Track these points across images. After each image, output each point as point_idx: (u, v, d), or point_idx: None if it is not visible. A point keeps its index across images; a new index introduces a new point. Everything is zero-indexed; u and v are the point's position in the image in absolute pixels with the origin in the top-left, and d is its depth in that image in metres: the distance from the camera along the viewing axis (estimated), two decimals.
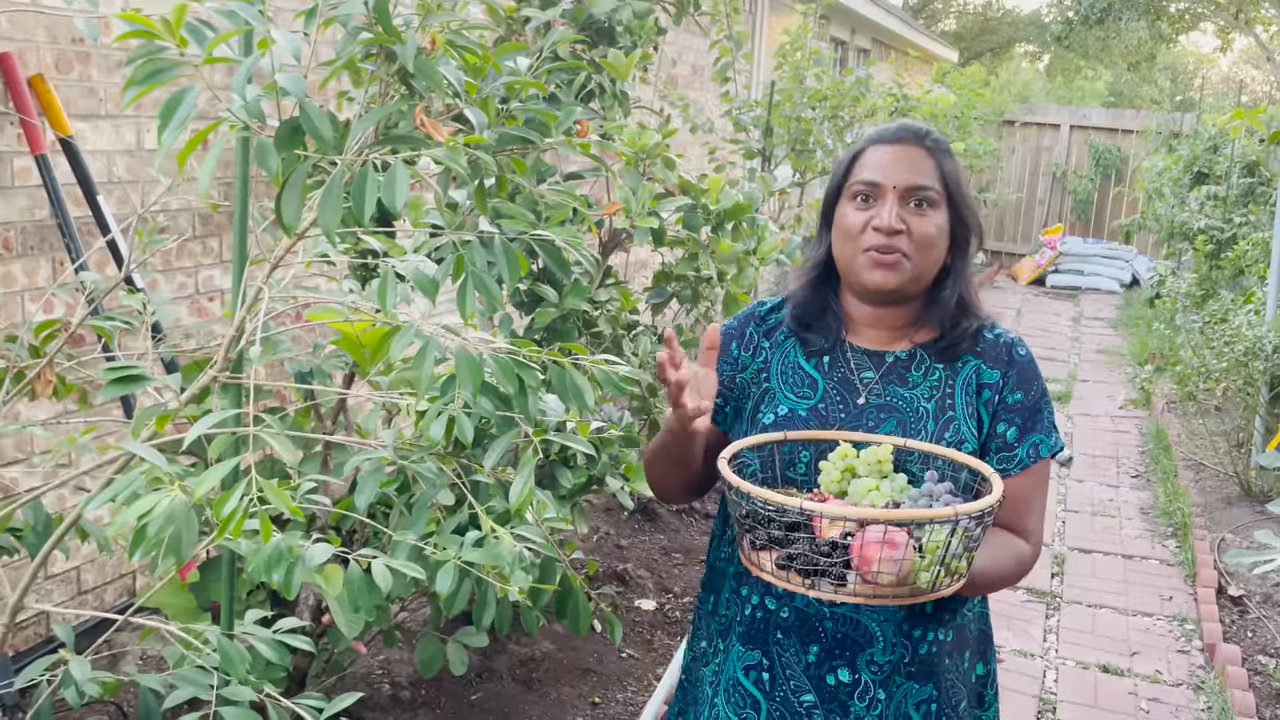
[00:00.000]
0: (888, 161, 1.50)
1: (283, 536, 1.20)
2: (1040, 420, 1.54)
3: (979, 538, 1.26)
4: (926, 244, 1.49)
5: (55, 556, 2.92)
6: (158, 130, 1.02)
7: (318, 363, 2.01)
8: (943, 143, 1.55)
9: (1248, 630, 3.86)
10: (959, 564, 1.24)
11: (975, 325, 1.56)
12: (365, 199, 1.03)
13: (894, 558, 1.20)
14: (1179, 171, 8.38)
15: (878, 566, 1.20)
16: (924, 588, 1.24)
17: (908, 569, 1.22)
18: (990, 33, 23.38)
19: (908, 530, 1.23)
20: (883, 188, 1.49)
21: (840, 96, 5.75)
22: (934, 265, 1.52)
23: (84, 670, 1.49)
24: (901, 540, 1.21)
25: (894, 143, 1.52)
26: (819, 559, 1.24)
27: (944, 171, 1.52)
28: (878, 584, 1.22)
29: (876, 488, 1.40)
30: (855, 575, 1.24)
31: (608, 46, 3.03)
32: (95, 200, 2.77)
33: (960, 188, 1.54)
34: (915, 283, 1.52)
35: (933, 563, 1.22)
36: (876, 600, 1.24)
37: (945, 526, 1.21)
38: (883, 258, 1.48)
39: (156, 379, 1.36)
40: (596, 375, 1.37)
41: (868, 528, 1.22)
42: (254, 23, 1.02)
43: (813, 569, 1.25)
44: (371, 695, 2.90)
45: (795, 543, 1.27)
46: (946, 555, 1.22)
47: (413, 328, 1.33)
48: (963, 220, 1.54)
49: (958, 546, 1.22)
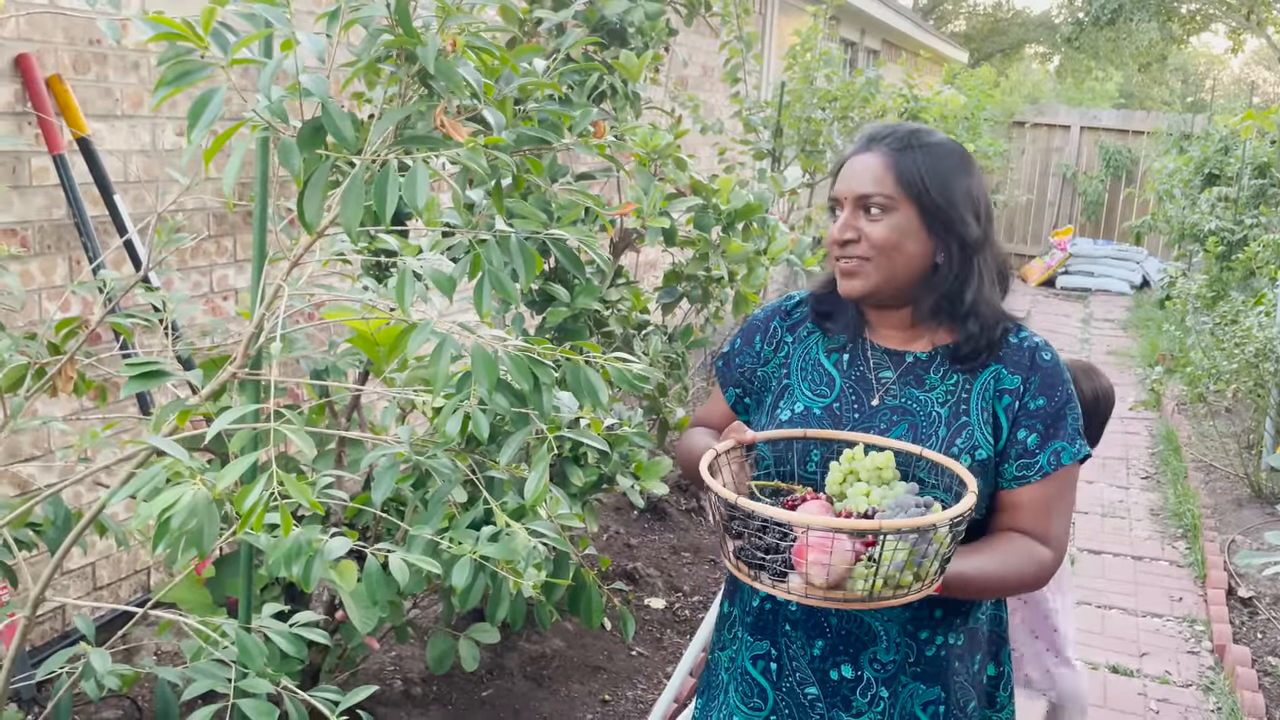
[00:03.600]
0: (847, 173, 1.52)
1: (302, 530, 1.22)
2: (1063, 427, 1.50)
3: (933, 554, 1.26)
4: (882, 246, 1.47)
5: (72, 552, 2.95)
6: (187, 130, 1.04)
7: (333, 360, 2.03)
8: (910, 140, 1.50)
9: (1258, 631, 3.86)
10: (903, 577, 1.25)
11: (998, 330, 1.52)
12: (387, 198, 1.05)
13: (821, 561, 1.23)
14: (1190, 173, 8.36)
15: (806, 567, 1.24)
16: (860, 595, 1.25)
17: (838, 574, 1.25)
18: (1000, 34, 23.34)
19: (865, 539, 1.25)
20: (841, 200, 1.52)
21: (850, 97, 5.76)
22: (904, 266, 1.49)
23: (104, 662, 1.51)
24: (829, 545, 1.23)
25: (858, 153, 1.53)
26: (761, 555, 1.29)
27: (900, 172, 1.48)
28: (810, 584, 1.25)
29: (867, 493, 1.40)
30: (796, 574, 1.27)
31: (620, 48, 3.05)
32: (112, 199, 2.80)
33: (931, 183, 1.48)
34: (888, 284, 1.50)
35: (872, 572, 1.23)
36: (810, 600, 1.27)
37: (892, 539, 1.22)
38: (844, 266, 1.51)
39: (176, 374, 1.38)
40: (610, 373, 1.39)
41: (810, 530, 1.24)
42: (278, 25, 1.04)
43: (755, 562, 1.30)
44: (384, 691, 2.93)
45: (753, 536, 1.31)
46: (888, 567, 1.24)
47: (429, 325, 1.35)
48: (938, 214, 1.48)
49: (900, 559, 1.24)
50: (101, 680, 1.60)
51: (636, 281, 3.44)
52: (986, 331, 1.52)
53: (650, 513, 4.40)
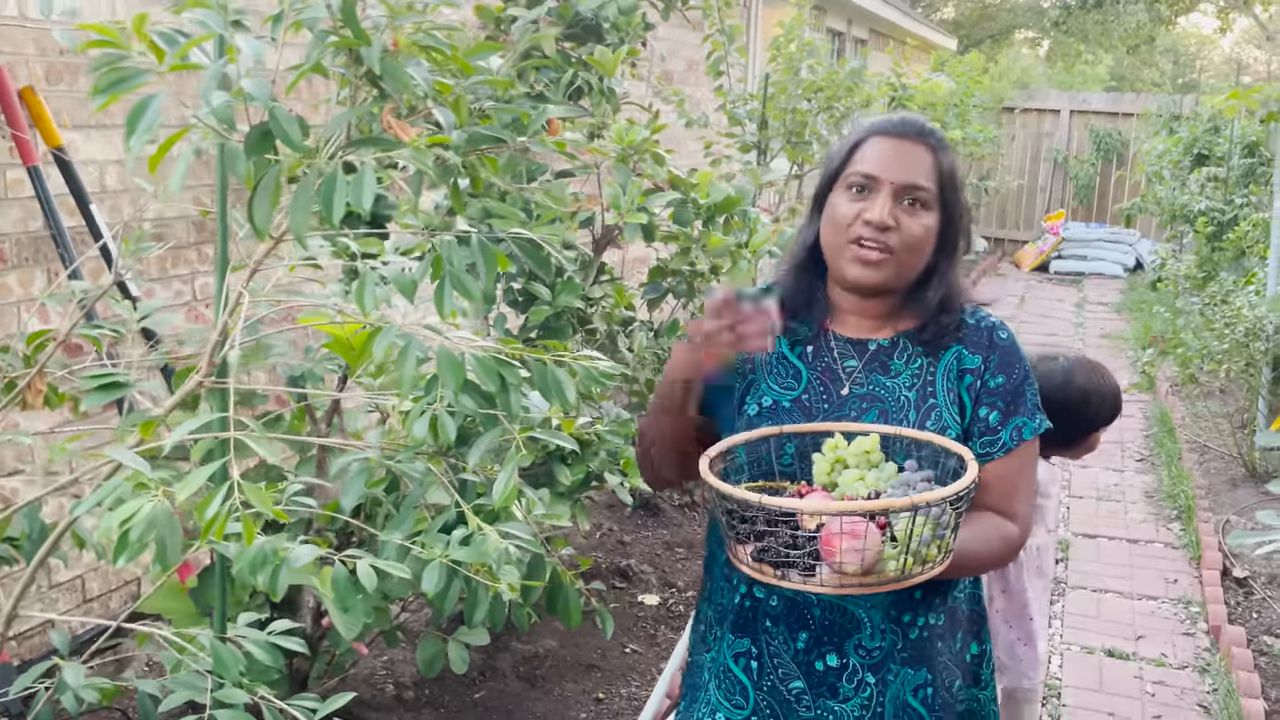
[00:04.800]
0: (888, 155, 1.49)
1: (268, 539, 1.21)
2: (1023, 403, 1.53)
3: (950, 524, 1.26)
4: (913, 244, 1.49)
5: (58, 564, 2.94)
6: (125, 138, 1.03)
7: (309, 366, 2.02)
8: (944, 141, 1.54)
9: (1253, 611, 3.85)
10: (929, 551, 1.25)
11: (957, 318, 1.55)
12: (334, 202, 1.04)
13: (855, 547, 1.20)
14: (1179, 154, 8.34)
15: (840, 556, 1.21)
16: (892, 575, 1.24)
17: (872, 558, 1.23)
18: (989, 20, 23.29)
19: (876, 520, 1.24)
20: (879, 181, 1.48)
21: (835, 87, 5.74)
22: (918, 266, 1.52)
23: (77, 676, 1.50)
24: (863, 529, 1.21)
25: (896, 137, 1.51)
26: (787, 551, 1.25)
27: (941, 171, 1.50)
28: (844, 573, 1.23)
29: (862, 478, 1.41)
30: (824, 566, 1.25)
31: (595, 43, 3.04)
32: (88, 210, 2.79)
33: (956, 188, 1.52)
34: (896, 280, 1.52)
35: (901, 551, 1.22)
36: (845, 589, 1.25)
37: (910, 514, 1.21)
38: (866, 253, 1.47)
39: (139, 384, 1.37)
40: (577, 371, 1.38)
41: (831, 519, 1.22)
42: (219, 30, 1.02)
43: (783, 561, 1.26)
44: (375, 696, 2.92)
45: (770, 536, 1.28)
46: (914, 543, 1.23)
47: (394, 328, 1.34)
48: (953, 222, 1.53)
49: (927, 534, 1.23)
50: (79, 694, 1.60)
51: (621, 278, 3.43)
52: (954, 317, 1.55)
53: (643, 509, 4.39)
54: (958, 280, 1.57)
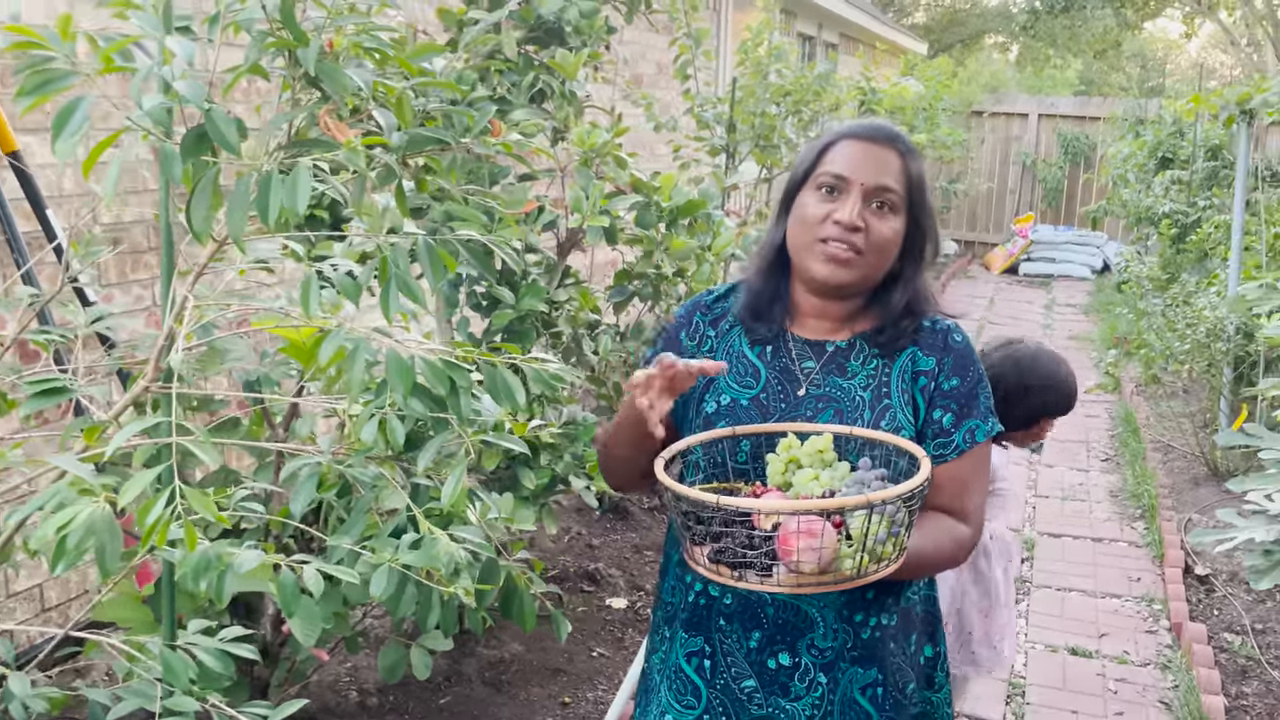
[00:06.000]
0: (859, 158, 1.51)
1: (211, 544, 1.20)
2: (976, 405, 1.55)
3: (904, 522, 1.27)
4: (880, 246, 1.50)
5: (13, 574, 2.90)
6: (51, 140, 1.02)
7: (265, 371, 2.00)
8: (913, 147, 1.56)
9: (1214, 608, 3.90)
10: (885, 549, 1.25)
11: (918, 322, 1.56)
12: (270, 204, 1.03)
13: (812, 546, 1.20)
14: (1144, 157, 8.44)
15: (797, 555, 1.21)
16: (849, 574, 1.25)
17: (829, 556, 1.23)
18: (959, 24, 23.48)
19: (832, 518, 1.24)
20: (850, 182, 1.49)
21: (803, 91, 5.76)
22: (884, 268, 1.54)
23: (23, 686, 1.48)
24: (819, 528, 1.21)
25: (867, 140, 1.53)
26: (745, 552, 1.25)
27: (910, 177, 1.52)
28: (801, 573, 1.23)
29: (816, 477, 1.41)
30: (781, 566, 1.25)
31: (558, 47, 3.03)
32: (44, 215, 2.75)
33: (924, 195, 1.54)
34: (863, 282, 1.53)
35: (857, 549, 1.23)
36: (802, 589, 1.25)
37: (866, 512, 1.22)
38: (835, 251, 1.49)
39: (83, 389, 1.35)
40: (527, 373, 1.38)
41: (787, 518, 1.23)
42: (153, 31, 1.01)
43: (739, 561, 1.26)
44: (339, 703, 2.90)
45: (726, 536, 1.28)
46: (870, 541, 1.23)
47: (342, 331, 1.33)
48: (920, 228, 1.55)
49: (881, 532, 1.23)
50: (26, 703, 1.57)
51: (586, 281, 3.42)
52: (915, 321, 1.57)
53: (612, 513, 4.39)
54: (925, 287, 1.58)
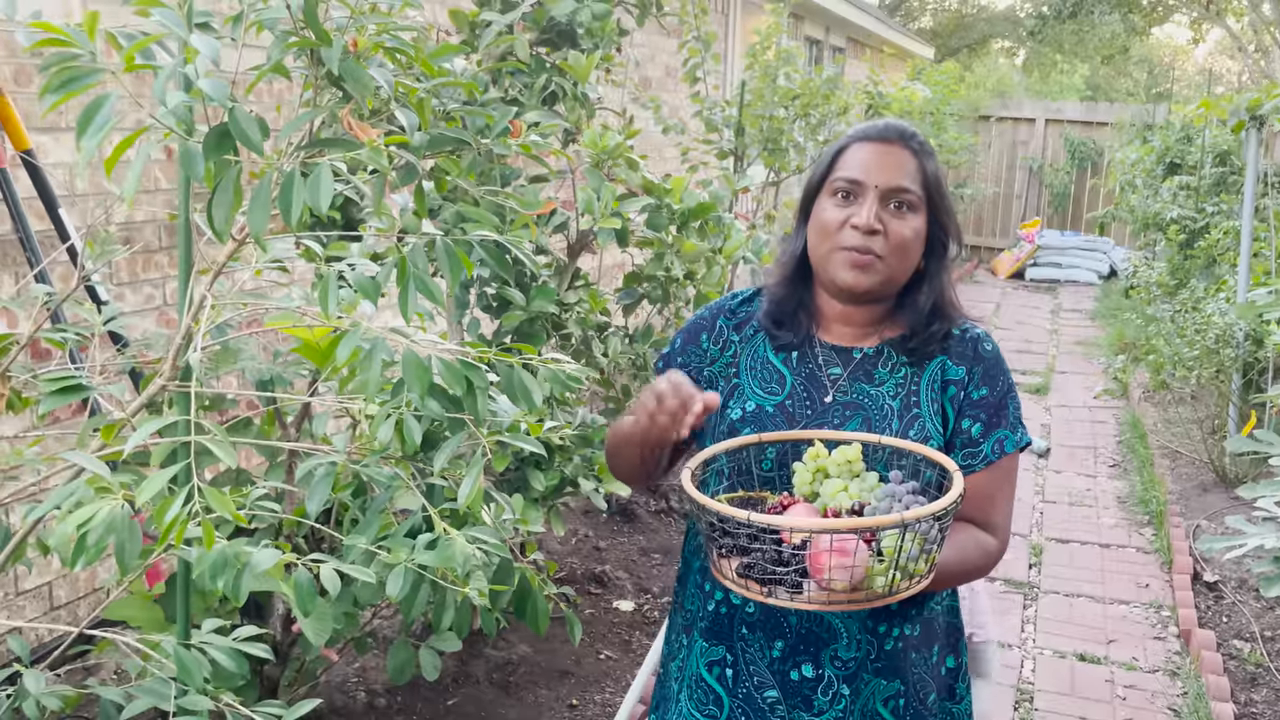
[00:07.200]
0: (872, 160, 1.49)
1: (229, 543, 1.20)
2: (1006, 415, 1.52)
3: (937, 539, 1.25)
4: (902, 247, 1.48)
5: (23, 571, 2.90)
6: (76, 138, 1.02)
7: (278, 370, 2.01)
8: (927, 146, 1.54)
9: (1223, 615, 3.89)
10: (916, 566, 1.23)
11: (947, 327, 1.54)
12: (292, 202, 1.03)
13: (845, 564, 1.18)
14: (1152, 163, 8.42)
15: (829, 573, 1.20)
16: (880, 592, 1.23)
17: (861, 575, 1.21)
18: (966, 29, 23.48)
19: (864, 536, 1.22)
20: (864, 186, 1.47)
21: (811, 95, 5.77)
22: (908, 269, 1.51)
23: (38, 684, 1.48)
24: (852, 546, 1.20)
25: (879, 141, 1.51)
26: (774, 568, 1.23)
27: (926, 175, 1.50)
28: (832, 590, 1.21)
29: (845, 489, 1.38)
30: (811, 582, 1.24)
31: (570, 49, 3.04)
32: (57, 214, 2.76)
33: (942, 192, 1.52)
34: (888, 285, 1.51)
35: (889, 567, 1.21)
36: (833, 606, 1.23)
37: (899, 530, 1.20)
38: (858, 258, 1.47)
39: (101, 388, 1.35)
40: (543, 374, 1.38)
41: (819, 535, 1.21)
42: (176, 29, 1.02)
43: (769, 577, 1.24)
44: (347, 703, 2.90)
45: (755, 551, 1.26)
46: (902, 558, 1.21)
47: (359, 331, 1.33)
48: (941, 225, 1.53)
49: (914, 549, 1.21)
50: (41, 701, 1.57)
51: (596, 283, 3.43)
52: (944, 326, 1.54)
53: (620, 515, 4.38)
54: (950, 288, 1.56)
